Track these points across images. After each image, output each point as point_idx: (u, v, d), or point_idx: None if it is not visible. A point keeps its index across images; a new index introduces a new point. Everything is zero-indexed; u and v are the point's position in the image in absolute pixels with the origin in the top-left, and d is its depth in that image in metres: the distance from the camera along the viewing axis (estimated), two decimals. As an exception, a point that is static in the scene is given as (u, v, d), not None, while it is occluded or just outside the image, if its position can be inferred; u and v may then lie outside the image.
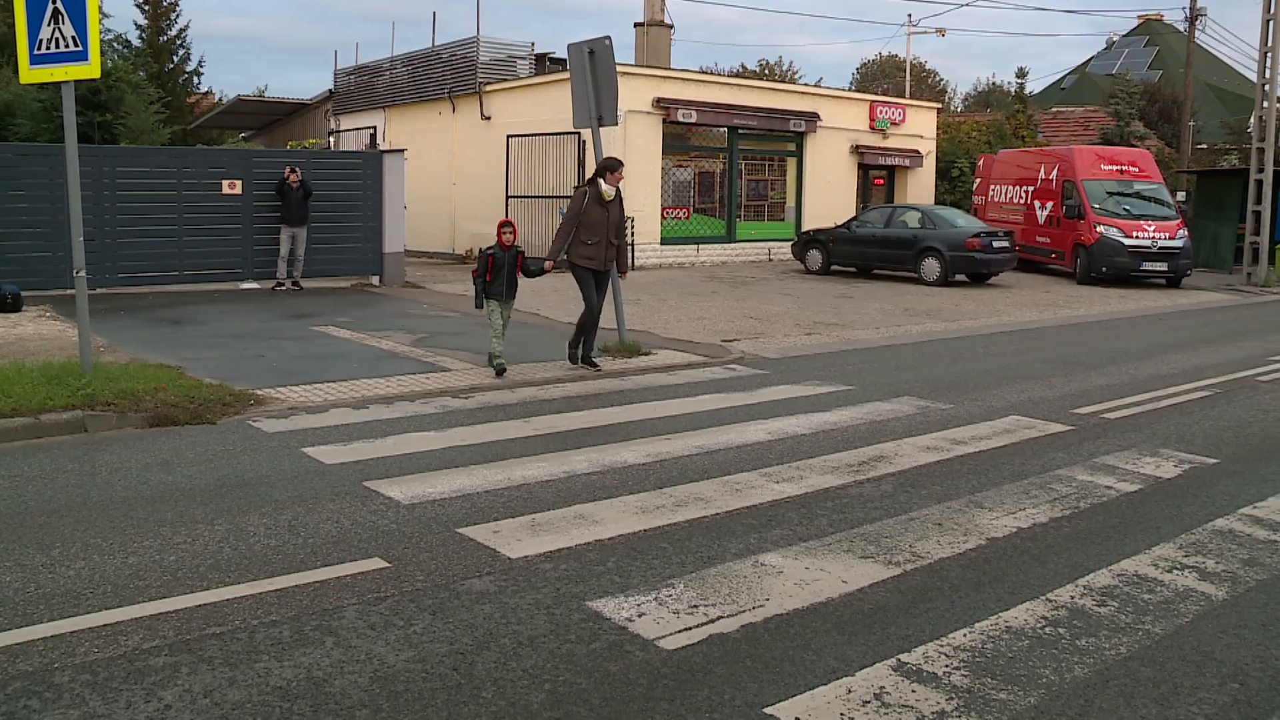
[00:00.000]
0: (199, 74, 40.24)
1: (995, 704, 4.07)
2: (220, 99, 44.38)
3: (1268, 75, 26.35)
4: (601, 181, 10.86)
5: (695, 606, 4.89)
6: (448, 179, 27.69)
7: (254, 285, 18.20)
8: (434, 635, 4.50)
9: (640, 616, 4.76)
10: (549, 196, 24.34)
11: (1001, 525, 6.29)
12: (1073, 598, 5.19)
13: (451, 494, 6.53)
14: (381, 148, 27.70)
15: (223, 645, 4.37)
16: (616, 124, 13.04)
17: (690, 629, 4.65)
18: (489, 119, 26.57)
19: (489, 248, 10.74)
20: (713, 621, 4.73)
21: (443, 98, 28.00)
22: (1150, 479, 7.50)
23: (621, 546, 5.69)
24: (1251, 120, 28.17)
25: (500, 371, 10.59)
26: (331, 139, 32.72)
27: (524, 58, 27.84)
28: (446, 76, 28.08)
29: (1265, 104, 26.36)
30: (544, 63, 28.39)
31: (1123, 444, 8.52)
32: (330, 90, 33.48)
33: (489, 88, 26.68)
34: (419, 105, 29.12)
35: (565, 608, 4.85)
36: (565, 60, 12.80)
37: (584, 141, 21.97)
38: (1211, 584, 5.47)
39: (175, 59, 39.70)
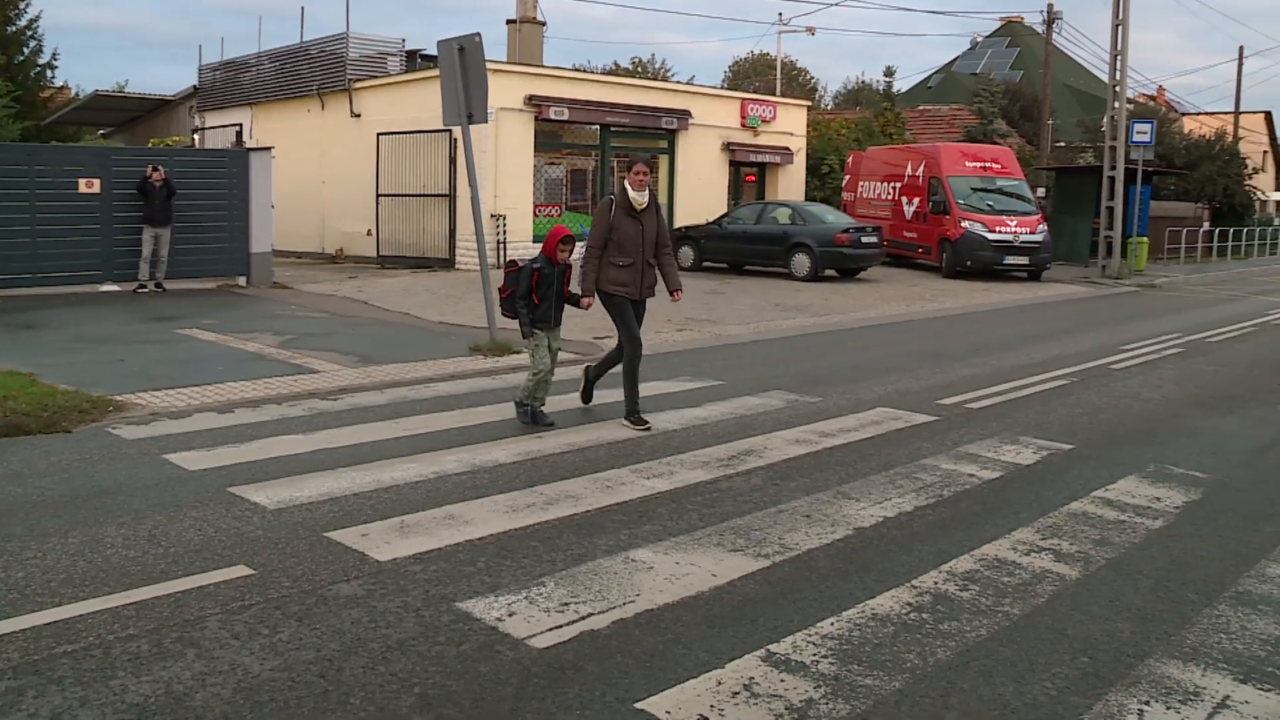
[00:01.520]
0: (53, 67, 38.51)
1: (861, 689, 4.17)
2: (77, 94, 42.70)
3: (1118, 77, 27.43)
4: (628, 186, 8.54)
5: (566, 604, 4.90)
6: (317, 177, 27.17)
7: (114, 287, 17.60)
8: (300, 642, 4.43)
9: (511, 616, 4.75)
10: (420, 195, 24.09)
11: (868, 515, 6.43)
12: (936, 583, 5.35)
13: (319, 498, 6.42)
14: (248, 145, 27.03)
15: (74, 664, 4.20)
16: (487, 121, 12.97)
17: (561, 627, 4.65)
18: (359, 116, 26.14)
19: (534, 260, 8.52)
20: (583, 619, 4.75)
21: (311, 95, 27.45)
22: (1011, 466, 7.76)
23: (492, 546, 5.67)
24: (1105, 120, 29.26)
25: (538, 418, 8.60)
26: (196, 136, 31.82)
27: (395, 54, 27.45)
28: (315, 73, 27.53)
29: (1116, 104, 27.44)
30: (415, 59, 27.99)
31: (985, 433, 8.79)
32: (194, 86, 32.52)
33: (359, 85, 26.23)
34: (287, 102, 28.50)
35: (435, 609, 4.81)
36: (437, 57, 12.68)
37: (455, 139, 21.76)
38: (1066, 565, 5.69)
39: (26, 51, 38.06)
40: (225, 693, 3.98)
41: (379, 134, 24.92)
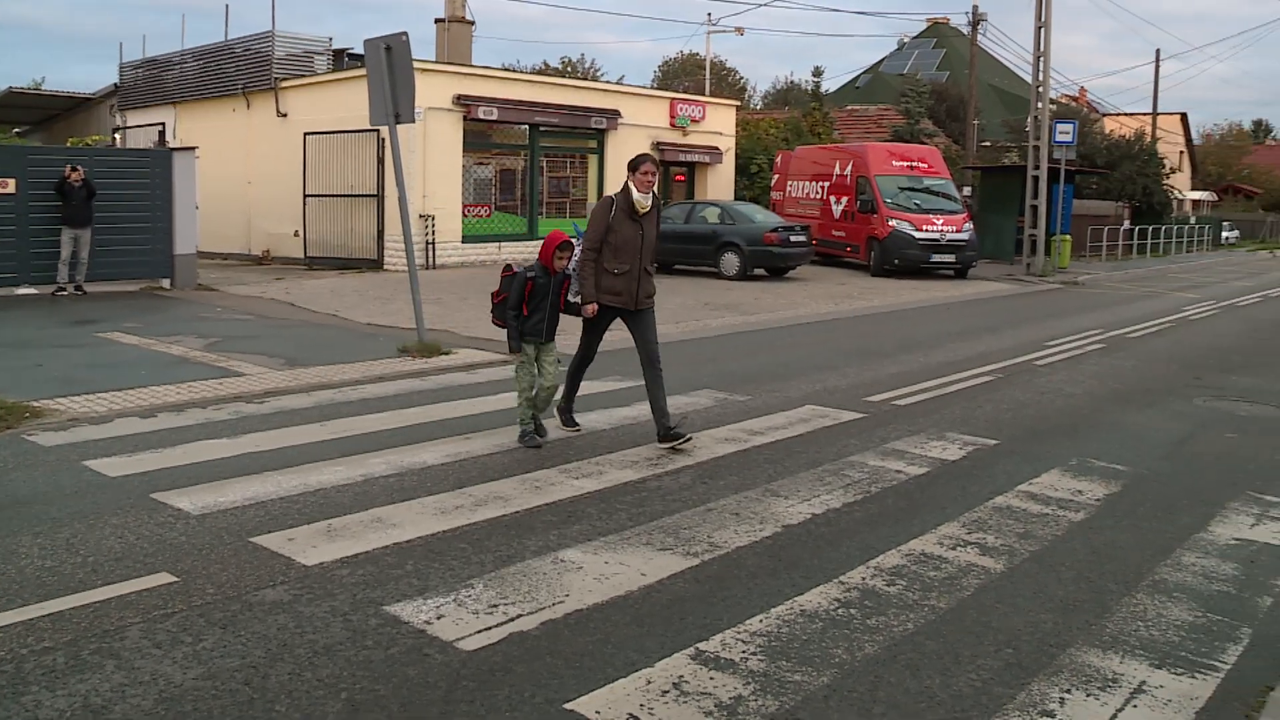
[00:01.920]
0: (-36, 64, 37.66)
1: (790, 685, 4.20)
2: (-10, 91, 41.65)
3: (1041, 78, 27.94)
4: (632, 186, 7.90)
5: (495, 606, 4.88)
6: (242, 178, 26.76)
7: (31, 290, 17.18)
8: (224, 650, 4.36)
9: (439, 619, 4.72)
10: (348, 195, 23.84)
11: (797, 512, 6.48)
12: (864, 579, 5.40)
13: (244, 502, 6.33)
14: (171, 145, 26.56)
15: (-13, 677, 4.09)
16: (414, 121, 12.87)
17: (490, 628, 4.63)
18: (285, 116, 25.81)
19: (529, 269, 7.97)
20: (512, 620, 4.73)
21: (237, 94, 27.03)
22: (937, 461, 7.86)
23: (420, 548, 5.63)
24: (1028, 120, 29.77)
25: (537, 430, 8.09)
26: (117, 136, 31.20)
27: (321, 53, 27.13)
28: (240, 72, 27.11)
29: (1040, 105, 27.95)
30: (342, 59, 27.69)
31: (912, 429, 8.90)
32: (115, 84, 31.88)
33: (285, 84, 25.89)
34: (211, 101, 28.04)
35: (362, 613, 4.76)
36: (364, 56, 12.54)
37: (383, 139, 21.57)
38: (991, 558, 5.78)
39: (-63, 48, 37.06)
40: (146, 704, 3.90)
41: (306, 134, 24.63)
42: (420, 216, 22.68)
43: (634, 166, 7.96)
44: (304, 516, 6.11)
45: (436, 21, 29.31)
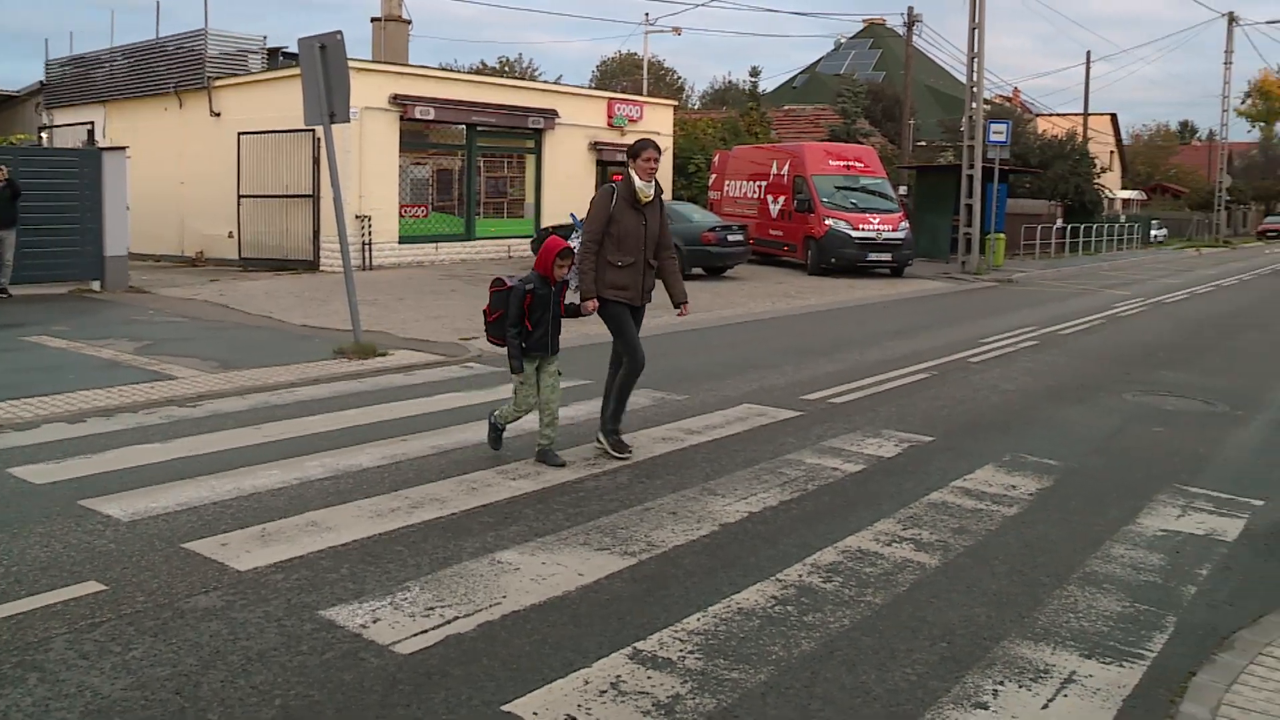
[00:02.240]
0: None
1: (728, 683, 4.22)
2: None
3: (975, 79, 28.30)
4: (634, 173, 7.50)
5: (431, 608, 4.85)
6: (175, 178, 26.32)
7: (-45, 294, 16.81)
8: (155, 659, 4.28)
9: (375, 622, 4.68)
10: (283, 196, 23.58)
11: (734, 510, 6.51)
12: (801, 576, 5.44)
13: (177, 508, 6.23)
14: (101, 144, 26.07)
15: (-97, 692, 3.97)
16: (350, 121, 12.75)
17: (427, 631, 4.60)
18: (219, 115, 25.46)
19: (525, 280, 7.30)
20: (449, 622, 4.70)
21: (169, 93, 26.62)
22: (873, 459, 7.93)
23: (356, 552, 5.58)
24: (963, 120, 30.14)
25: (547, 458, 7.49)
26: (44, 135, 30.59)
27: (256, 52, 26.81)
28: (173, 70, 26.68)
29: (974, 105, 28.31)
30: (277, 57, 27.39)
31: (848, 427, 8.97)
32: (41, 82, 31.24)
33: (218, 83, 25.54)
34: (142, 100, 27.57)
35: (297, 618, 4.71)
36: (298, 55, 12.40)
37: (319, 139, 21.35)
38: (926, 553, 5.84)
39: None
40: (71, 717, 3.82)
41: (240, 133, 24.34)
42: (356, 217, 22.51)
43: (635, 153, 7.54)
44: (238, 521, 6.03)
45: (373, 20, 29.13)
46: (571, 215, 9.81)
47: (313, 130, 19.12)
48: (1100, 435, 9.00)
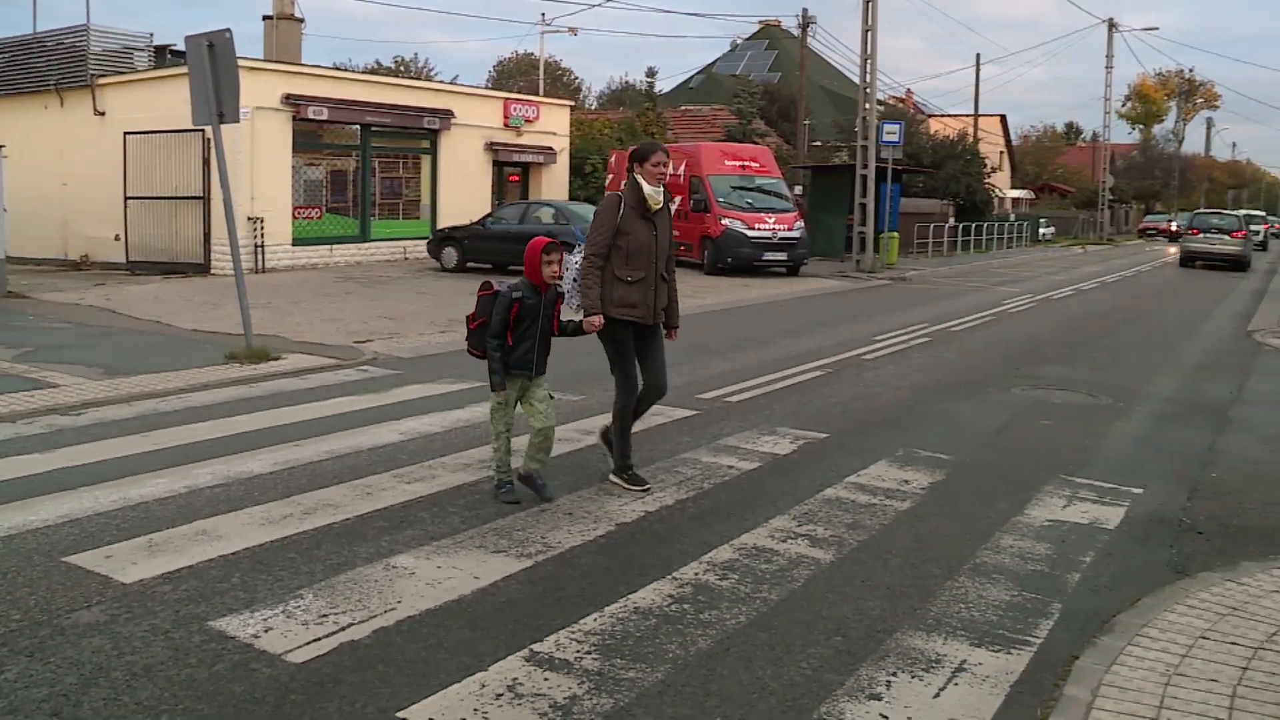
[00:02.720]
0: None
1: (625, 683, 4.22)
2: None
3: (868, 80, 28.76)
4: (642, 180, 6.83)
5: (325, 615, 4.77)
6: (57, 178, 25.50)
7: None
8: (30, 679, 4.12)
9: (267, 632, 4.59)
10: (172, 197, 23.04)
11: (630, 510, 6.52)
12: (697, 574, 5.46)
13: (57, 520, 6.01)
14: (-25, 145, 25.18)
15: None
16: (239, 121, 12.48)
17: (320, 639, 4.53)
18: (103, 114, 24.76)
19: (514, 287, 6.59)
20: (343, 629, 4.63)
21: (48, 90, 25.78)
22: (768, 456, 8.00)
23: (247, 560, 5.46)
24: (857, 120, 30.60)
25: (539, 489, 6.67)
26: (-86, 135, 29.41)
27: (142, 49, 26.15)
28: (52, 67, 25.85)
29: (868, 106, 28.76)
30: (165, 55, 26.72)
31: (744, 425, 9.04)
32: (-92, 78, 30.08)
33: (103, 81, 24.84)
34: (20, 98, 26.64)
35: (185, 630, 4.59)
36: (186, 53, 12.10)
37: (209, 139, 20.88)
38: (820, 549, 5.91)
39: None
40: (-58, 740, 3.68)
41: (126, 133, 23.72)
42: (249, 219, 22.12)
43: (642, 157, 6.87)
44: (123, 532, 5.85)
45: (265, 19, 28.61)
46: (576, 232, 9.44)
47: (203, 130, 18.68)
48: (990, 429, 9.21)
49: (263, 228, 22.66)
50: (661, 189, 6.86)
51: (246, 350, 11.41)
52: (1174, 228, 63.35)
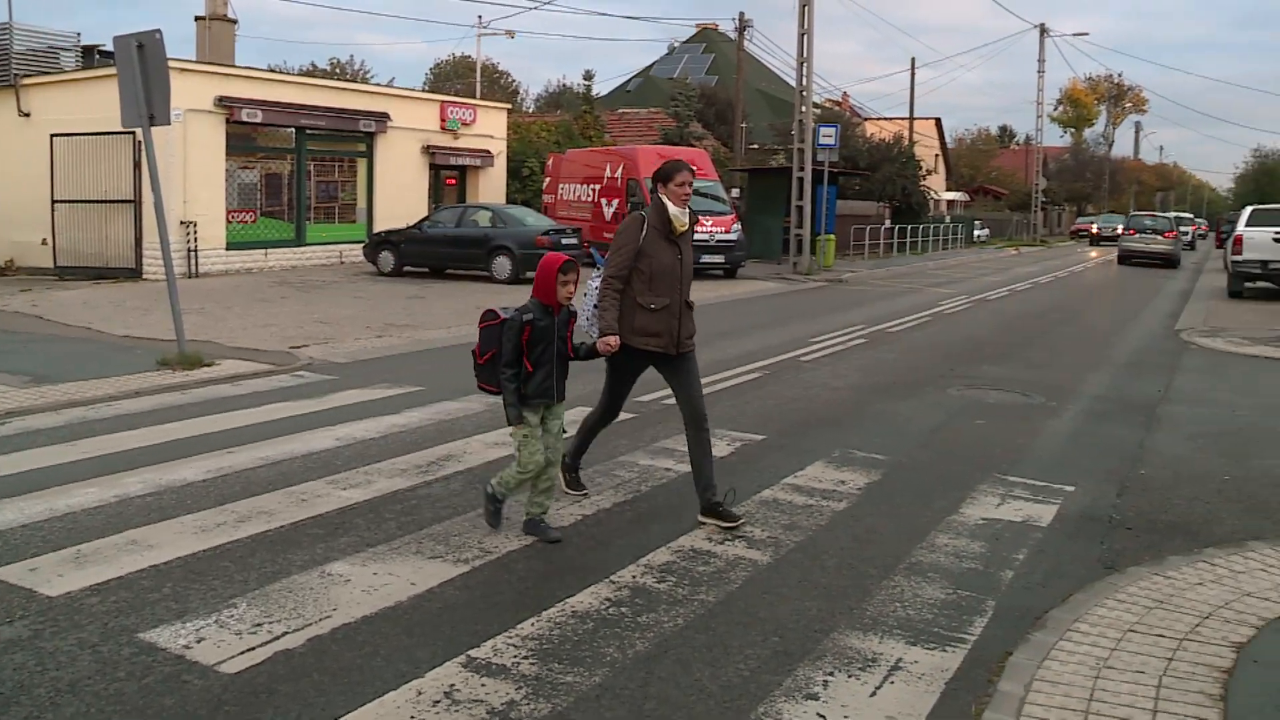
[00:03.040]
0: None
1: (562, 687, 4.21)
2: None
3: (805, 83, 28.96)
4: (666, 200, 6.40)
5: (259, 625, 4.71)
6: (-20, 182, 25.00)
7: None
8: (-49, 695, 4.03)
9: (199, 642, 4.52)
10: (102, 201, 22.63)
11: (568, 514, 6.50)
12: (634, 577, 5.46)
13: (-20, 532, 5.89)
14: (-105, 147, 24.57)
15: None
16: (170, 123, 12.31)
17: (254, 649, 4.47)
18: (28, 116, 24.27)
19: (523, 310, 6.09)
20: (277, 639, 4.57)
21: (-31, 91, 25.26)
22: (706, 458, 8.00)
23: (179, 570, 5.37)
24: (794, 124, 30.79)
25: (541, 531, 6.10)
26: None
27: (69, 49, 25.66)
28: (-28, 66, 25.32)
29: (804, 109, 28.95)
30: (93, 55, 26.25)
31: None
32: None
33: (27, 81, 24.33)
34: (-61, 98, 26.06)
35: (114, 643, 4.51)
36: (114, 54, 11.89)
37: (140, 142, 20.55)
38: (758, 550, 5.94)
39: None
40: None
41: (53, 135, 23.22)
42: (181, 223, 21.80)
43: (666, 176, 6.41)
44: (49, 544, 5.72)
45: (197, 19, 28.16)
46: (591, 248, 9.18)
47: (133, 133, 18.41)
48: (926, 429, 9.30)
49: (196, 232, 22.34)
50: (687, 210, 6.47)
51: (179, 356, 11.24)
52: (1095, 230, 64.70)
